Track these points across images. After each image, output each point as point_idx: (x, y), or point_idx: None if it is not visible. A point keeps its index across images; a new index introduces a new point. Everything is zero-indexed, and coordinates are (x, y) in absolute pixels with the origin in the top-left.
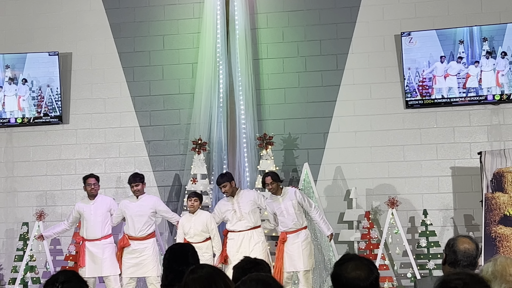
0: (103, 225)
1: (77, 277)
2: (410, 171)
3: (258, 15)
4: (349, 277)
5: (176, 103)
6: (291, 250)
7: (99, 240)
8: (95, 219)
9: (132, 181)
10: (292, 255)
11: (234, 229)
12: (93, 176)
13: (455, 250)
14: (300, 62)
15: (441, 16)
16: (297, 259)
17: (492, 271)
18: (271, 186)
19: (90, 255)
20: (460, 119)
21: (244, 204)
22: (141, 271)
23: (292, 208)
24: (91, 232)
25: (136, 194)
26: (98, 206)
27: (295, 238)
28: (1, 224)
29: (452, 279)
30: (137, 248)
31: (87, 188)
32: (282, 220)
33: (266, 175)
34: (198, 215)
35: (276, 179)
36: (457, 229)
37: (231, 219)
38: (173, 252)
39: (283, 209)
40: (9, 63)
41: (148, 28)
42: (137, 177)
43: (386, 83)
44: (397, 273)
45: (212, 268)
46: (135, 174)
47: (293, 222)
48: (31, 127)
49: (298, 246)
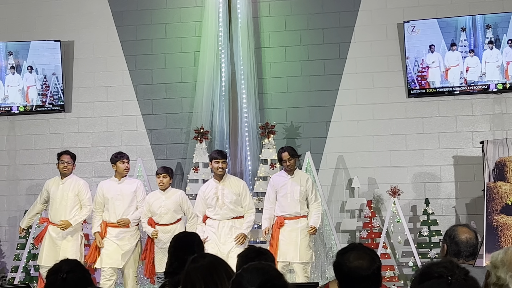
0: (71, 209)
1: (80, 266)
2: (412, 160)
3: (261, 3)
4: (351, 266)
5: (178, 92)
6: (288, 238)
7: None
8: (61, 201)
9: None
10: (288, 244)
11: (215, 217)
12: (69, 153)
13: (457, 241)
14: (303, 50)
15: (444, 4)
16: (292, 249)
17: (502, 259)
18: (289, 162)
19: (50, 240)
20: (463, 108)
21: (229, 193)
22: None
23: (299, 194)
24: (57, 215)
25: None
26: (67, 187)
27: (294, 225)
28: (4, 212)
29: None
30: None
31: (59, 166)
32: (282, 203)
33: (283, 150)
34: (170, 193)
35: (294, 155)
36: (459, 218)
37: (213, 205)
38: (179, 240)
39: (288, 191)
40: (12, 50)
41: (151, 16)
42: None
43: (388, 72)
44: (398, 262)
45: (213, 257)
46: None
47: (294, 209)
48: (34, 115)
49: (296, 235)
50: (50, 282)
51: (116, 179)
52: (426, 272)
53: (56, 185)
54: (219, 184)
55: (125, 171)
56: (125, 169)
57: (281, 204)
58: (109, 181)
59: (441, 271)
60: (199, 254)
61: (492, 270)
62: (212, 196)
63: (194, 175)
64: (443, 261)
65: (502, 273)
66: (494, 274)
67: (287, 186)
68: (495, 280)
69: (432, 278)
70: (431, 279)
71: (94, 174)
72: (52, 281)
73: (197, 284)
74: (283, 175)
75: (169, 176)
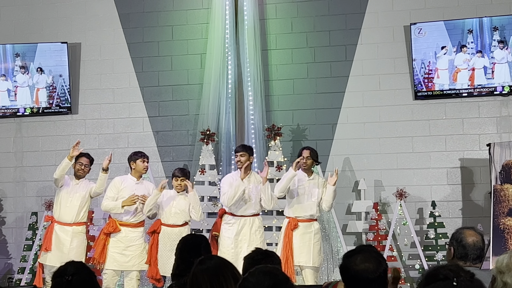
0: (79, 211)
1: (86, 268)
2: (418, 163)
3: (267, 5)
4: (357, 269)
5: (185, 94)
6: (301, 241)
7: (70, 226)
8: (73, 201)
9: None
10: (301, 247)
11: (236, 213)
12: (88, 157)
13: (464, 244)
14: (309, 52)
15: (451, 7)
16: (305, 252)
17: (507, 263)
18: (306, 160)
19: (57, 239)
20: (469, 110)
21: (254, 189)
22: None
23: (316, 197)
24: (64, 214)
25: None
26: (80, 188)
27: (307, 228)
28: (10, 214)
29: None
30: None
31: (76, 167)
32: (297, 204)
33: (306, 148)
34: (184, 195)
35: (314, 157)
36: (466, 220)
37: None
38: (186, 242)
39: (306, 193)
40: (19, 51)
41: (157, 18)
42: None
43: (395, 74)
44: (405, 264)
45: (220, 260)
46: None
47: (311, 211)
48: (41, 117)
49: (309, 238)
50: (55, 284)
51: (134, 177)
52: (432, 274)
53: (70, 184)
54: (246, 178)
55: (145, 170)
56: (145, 168)
57: (296, 205)
58: (128, 179)
59: (447, 273)
60: (206, 256)
61: (498, 276)
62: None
63: (200, 177)
64: (449, 264)
65: (509, 278)
66: (500, 279)
67: (305, 187)
68: (502, 285)
69: (437, 280)
70: (436, 281)
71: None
72: (58, 283)
73: (203, 286)
74: (302, 175)
75: (187, 180)
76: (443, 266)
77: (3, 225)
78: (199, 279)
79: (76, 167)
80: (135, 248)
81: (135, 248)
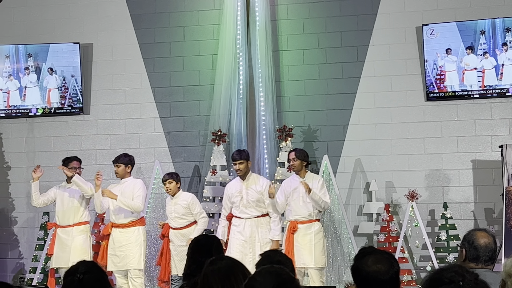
0: (77, 211)
1: (97, 267)
2: (430, 164)
3: (279, 6)
4: (369, 270)
5: (196, 94)
6: (302, 243)
7: (71, 227)
8: (69, 204)
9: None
10: (302, 249)
11: (241, 216)
12: (77, 159)
13: (476, 246)
14: (321, 53)
15: (463, 8)
16: (307, 254)
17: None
18: (293, 162)
19: (59, 242)
20: (482, 112)
21: (252, 192)
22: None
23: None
24: (64, 218)
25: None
26: (73, 191)
27: (307, 230)
28: (22, 214)
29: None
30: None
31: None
32: (294, 207)
33: (292, 150)
34: (179, 198)
35: (300, 157)
36: (478, 222)
37: (237, 204)
38: (197, 243)
39: (300, 194)
40: (32, 52)
41: (169, 19)
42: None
43: (406, 75)
44: (416, 266)
45: (232, 260)
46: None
47: (308, 211)
48: (52, 117)
49: (310, 239)
50: (67, 283)
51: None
52: (436, 278)
53: (63, 189)
54: (243, 183)
55: (168, 192)
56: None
57: (293, 208)
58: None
59: (452, 276)
60: (218, 257)
61: (507, 279)
62: (236, 194)
63: (211, 178)
64: (452, 266)
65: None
66: (510, 283)
67: (299, 189)
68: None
69: (443, 284)
70: (442, 286)
71: (112, 176)
72: (69, 282)
73: (214, 286)
74: (295, 178)
75: (174, 181)
76: (446, 268)
77: (15, 225)
78: (210, 279)
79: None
80: (125, 248)
81: (125, 248)
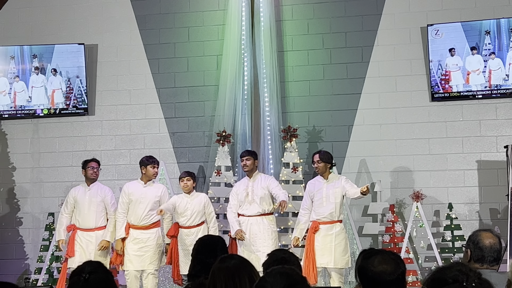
0: (98, 215)
1: (103, 267)
2: (435, 164)
3: (283, 7)
4: (375, 271)
5: (201, 95)
6: (323, 243)
7: (92, 231)
8: (89, 207)
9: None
10: (323, 249)
11: (244, 213)
12: (96, 161)
13: (480, 246)
14: (325, 54)
15: (468, 8)
16: (327, 254)
17: None
18: (318, 165)
19: (80, 246)
20: (486, 112)
21: (257, 188)
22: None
23: (334, 197)
24: (85, 220)
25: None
26: (94, 193)
27: (328, 231)
28: (27, 214)
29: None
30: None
31: (88, 172)
32: (318, 207)
33: (316, 152)
34: (194, 196)
35: (325, 159)
36: (483, 223)
37: (243, 201)
38: (202, 243)
39: (324, 195)
40: (37, 53)
41: (173, 20)
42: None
43: (411, 76)
44: (421, 267)
45: (240, 260)
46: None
47: (330, 212)
48: (57, 118)
49: (330, 240)
50: (72, 282)
51: (142, 182)
52: (438, 278)
53: (83, 192)
54: (250, 181)
55: (154, 176)
56: (154, 174)
57: (317, 208)
58: (135, 183)
59: (455, 275)
60: (228, 255)
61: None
62: (243, 191)
63: (216, 179)
64: (454, 265)
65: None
66: None
67: (322, 190)
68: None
69: (446, 283)
70: (445, 285)
71: (117, 177)
72: (75, 281)
73: (217, 284)
74: (319, 180)
75: (192, 179)
76: (448, 267)
77: (20, 226)
78: (216, 276)
79: (88, 172)
80: (147, 249)
81: (147, 249)
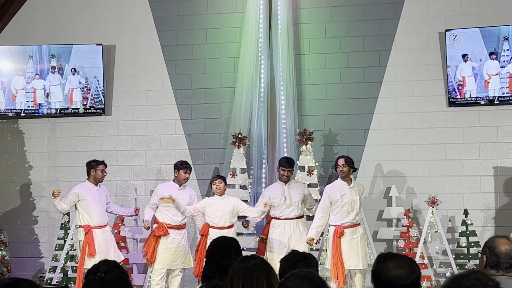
0: (105, 213)
1: (119, 267)
2: (451, 170)
3: (301, 10)
4: (390, 275)
5: (217, 97)
6: (349, 246)
7: (105, 227)
8: (102, 205)
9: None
10: (350, 252)
11: (280, 216)
12: (104, 164)
13: (496, 252)
14: (342, 58)
15: (486, 13)
16: (355, 256)
17: None
18: (342, 168)
19: (102, 242)
20: (504, 118)
21: (295, 193)
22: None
23: (358, 202)
24: (99, 218)
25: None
26: (102, 192)
27: (353, 234)
28: (43, 213)
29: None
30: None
31: (100, 174)
32: (343, 212)
33: (341, 157)
34: (226, 198)
35: (349, 164)
36: (499, 229)
37: (279, 205)
38: (216, 244)
39: (347, 200)
40: (55, 52)
41: (191, 21)
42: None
43: (429, 81)
44: (436, 273)
45: (260, 261)
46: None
47: (353, 216)
48: (74, 118)
49: (356, 243)
50: (88, 281)
51: (176, 184)
52: (455, 286)
53: (91, 191)
54: (286, 187)
55: (185, 180)
56: (185, 179)
57: (341, 214)
58: (169, 185)
59: (473, 284)
60: (249, 256)
61: None
62: (280, 196)
63: (231, 180)
64: (472, 273)
65: None
66: None
67: (347, 195)
68: None
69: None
70: None
71: (132, 177)
72: (90, 280)
73: (235, 282)
74: (342, 185)
75: (224, 182)
76: (466, 275)
77: (36, 224)
78: (234, 274)
79: (98, 174)
80: (181, 249)
81: (181, 249)
